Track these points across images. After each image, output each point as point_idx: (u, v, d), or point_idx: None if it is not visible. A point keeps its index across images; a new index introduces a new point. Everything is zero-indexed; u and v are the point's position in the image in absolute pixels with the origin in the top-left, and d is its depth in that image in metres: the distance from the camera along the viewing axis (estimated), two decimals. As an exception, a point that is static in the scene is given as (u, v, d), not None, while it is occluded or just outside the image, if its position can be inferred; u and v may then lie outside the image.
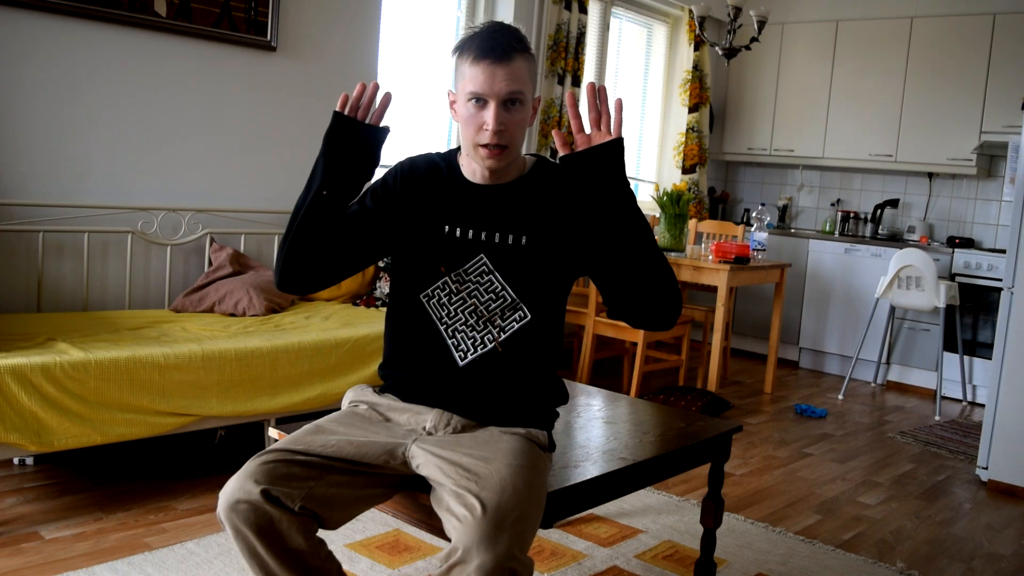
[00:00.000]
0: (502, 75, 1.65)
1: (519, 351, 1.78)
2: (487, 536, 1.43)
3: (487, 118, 1.66)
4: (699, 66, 6.19)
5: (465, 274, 1.76)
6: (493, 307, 1.76)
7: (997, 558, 2.96)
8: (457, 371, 1.76)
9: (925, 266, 4.98)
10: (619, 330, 4.62)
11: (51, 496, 2.83)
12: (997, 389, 3.68)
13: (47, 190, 3.29)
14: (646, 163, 6.42)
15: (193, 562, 2.41)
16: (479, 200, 1.78)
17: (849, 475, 3.75)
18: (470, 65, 1.67)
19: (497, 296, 1.75)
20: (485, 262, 1.75)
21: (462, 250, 1.76)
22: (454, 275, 1.76)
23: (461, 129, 1.72)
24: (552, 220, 1.77)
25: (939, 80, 5.71)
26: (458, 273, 1.76)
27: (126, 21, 3.40)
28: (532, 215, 1.77)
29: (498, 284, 1.75)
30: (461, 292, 1.76)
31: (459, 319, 1.76)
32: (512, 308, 1.76)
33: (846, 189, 6.46)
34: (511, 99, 1.67)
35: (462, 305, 1.76)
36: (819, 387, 5.51)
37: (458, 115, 1.72)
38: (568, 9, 5.10)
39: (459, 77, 1.71)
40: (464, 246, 1.76)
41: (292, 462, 1.58)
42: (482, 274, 1.75)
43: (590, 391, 2.71)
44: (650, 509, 3.11)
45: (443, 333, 1.77)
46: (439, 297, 1.77)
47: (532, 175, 1.80)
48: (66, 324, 3.03)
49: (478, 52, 1.66)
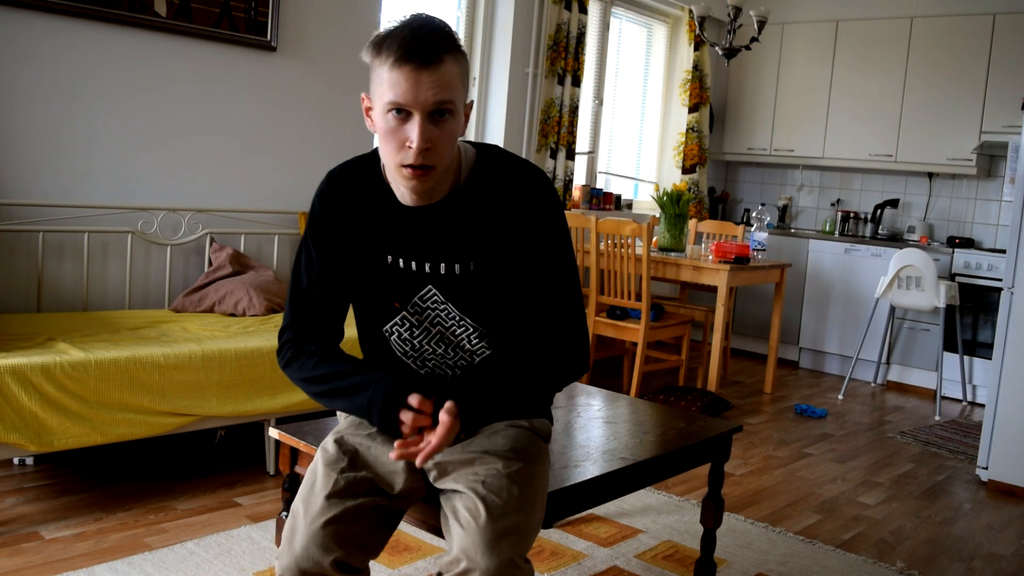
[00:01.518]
0: (428, 82, 1.39)
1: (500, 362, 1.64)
2: (490, 544, 1.41)
3: (411, 134, 1.41)
4: (699, 66, 6.19)
5: (421, 302, 1.60)
6: (459, 333, 1.61)
7: (997, 558, 2.96)
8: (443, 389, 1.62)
9: (925, 266, 4.98)
10: (619, 330, 4.62)
11: (51, 496, 2.83)
12: (997, 389, 3.68)
13: (47, 190, 3.29)
14: (646, 163, 6.42)
15: (193, 562, 2.41)
16: (415, 226, 1.57)
17: (849, 475, 3.75)
18: (389, 69, 1.40)
19: (459, 323, 1.60)
20: (435, 293, 1.59)
21: (410, 282, 1.59)
22: (410, 307, 1.60)
23: (380, 144, 1.49)
24: (498, 238, 1.56)
25: (939, 80, 5.71)
26: (414, 304, 1.60)
27: (126, 21, 3.40)
28: (474, 236, 1.56)
29: (455, 314, 1.59)
30: (423, 323, 1.61)
31: (426, 350, 1.63)
32: (479, 336, 1.61)
33: (846, 189, 6.47)
34: (439, 109, 1.42)
35: (426, 336, 1.62)
36: (819, 387, 5.51)
37: (375, 126, 1.48)
38: (568, 9, 5.10)
39: (375, 81, 1.44)
40: (411, 278, 1.59)
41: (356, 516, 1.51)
42: (436, 303, 1.59)
43: (590, 391, 2.71)
44: (650, 509, 3.11)
45: (414, 367, 1.65)
46: (399, 333, 1.63)
47: (471, 184, 1.56)
48: (66, 324, 3.03)
49: (399, 54, 1.39)
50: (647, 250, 4.44)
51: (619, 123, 6.08)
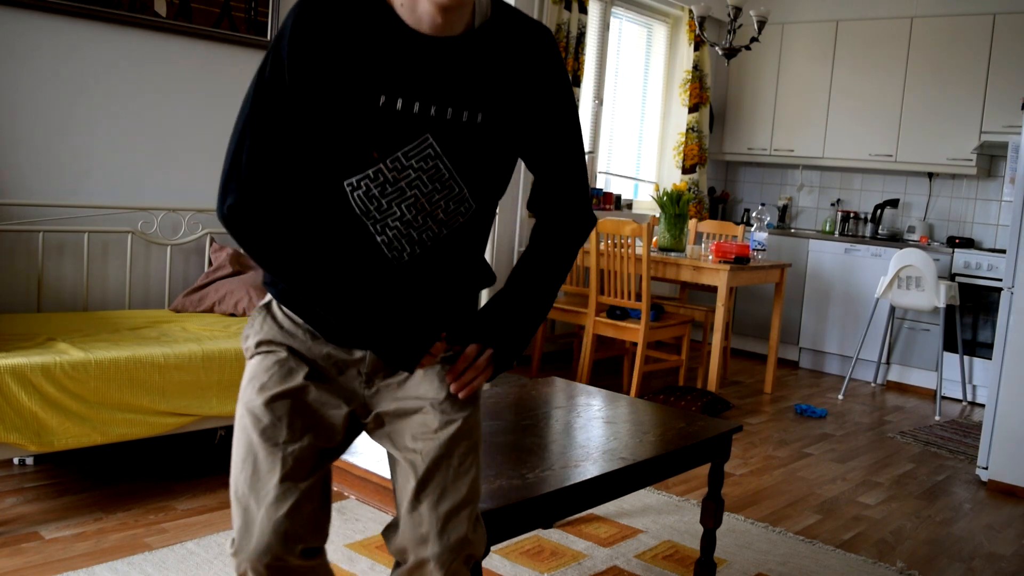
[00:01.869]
0: None
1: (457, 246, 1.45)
2: (439, 531, 1.38)
3: None
4: (699, 66, 6.19)
5: (404, 159, 1.34)
6: (436, 199, 1.38)
7: (997, 558, 2.96)
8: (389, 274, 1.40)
9: (925, 266, 4.98)
10: (619, 330, 4.62)
11: (51, 496, 2.83)
12: (997, 389, 3.68)
13: (47, 190, 3.29)
14: (646, 163, 6.42)
15: (193, 562, 2.41)
16: (426, 59, 1.33)
17: (849, 475, 3.75)
18: None
19: (443, 186, 1.38)
20: (431, 144, 1.35)
21: (403, 129, 1.33)
22: (390, 161, 1.34)
23: None
24: (510, 91, 1.39)
25: (939, 80, 5.71)
26: (395, 159, 1.34)
27: (126, 21, 3.40)
28: (491, 82, 1.37)
29: (445, 172, 1.37)
30: (399, 182, 1.35)
31: (393, 214, 1.36)
32: (458, 201, 1.40)
33: (846, 189, 6.47)
34: None
35: (399, 197, 1.36)
36: (819, 387, 5.51)
37: None
38: (568, 9, 5.10)
39: None
40: (406, 124, 1.33)
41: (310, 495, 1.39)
42: (426, 159, 1.35)
43: (590, 391, 2.71)
44: (650, 509, 3.11)
45: (371, 230, 1.36)
46: (367, 188, 1.34)
47: (486, 28, 1.37)
48: (66, 324, 3.04)
49: None
50: (647, 250, 4.44)
51: (619, 123, 6.08)
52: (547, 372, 5.00)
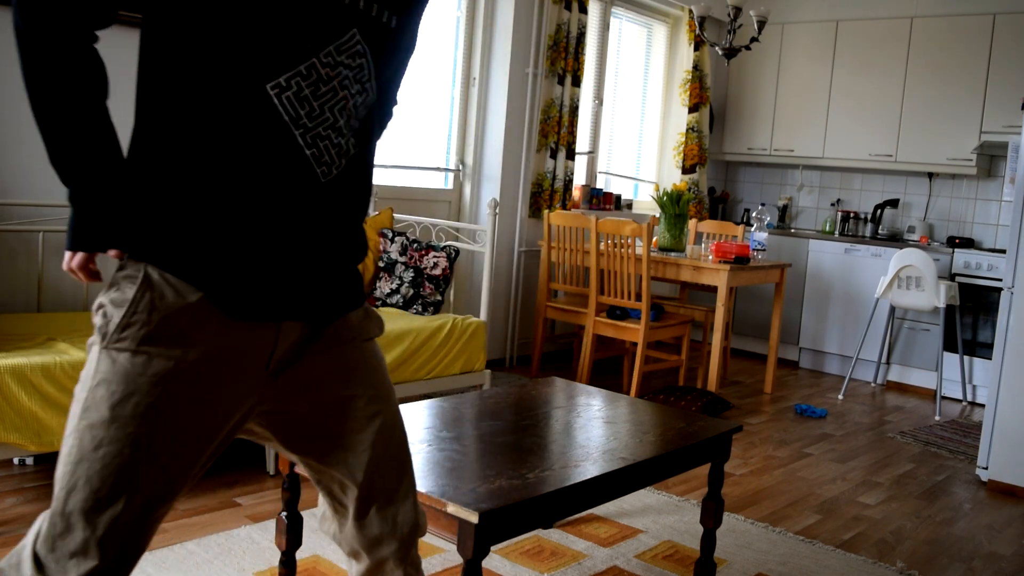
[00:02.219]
0: None
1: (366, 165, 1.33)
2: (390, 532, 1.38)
3: None
4: (699, 66, 6.19)
5: (336, 54, 1.21)
6: (360, 101, 1.27)
7: (997, 558, 2.96)
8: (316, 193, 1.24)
9: (925, 266, 4.98)
10: (619, 330, 4.62)
11: (51, 496, 2.82)
12: (997, 389, 3.68)
13: (47, 190, 3.28)
14: (646, 163, 6.42)
15: (193, 562, 2.41)
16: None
17: (849, 475, 3.75)
18: None
19: (364, 88, 1.26)
20: (359, 40, 1.24)
21: (333, 20, 1.21)
22: (324, 56, 1.20)
23: None
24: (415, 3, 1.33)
25: (939, 80, 5.71)
26: (328, 53, 1.20)
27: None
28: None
29: (366, 72, 1.26)
30: (331, 81, 1.21)
31: (326, 120, 1.22)
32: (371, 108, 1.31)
33: (846, 189, 6.47)
34: None
35: (331, 99, 1.22)
36: (819, 387, 5.51)
37: None
38: (568, 9, 5.10)
39: None
40: (336, 14, 1.21)
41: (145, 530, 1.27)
42: (355, 55, 1.23)
43: (590, 391, 2.71)
44: (650, 509, 3.11)
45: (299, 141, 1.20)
46: (299, 89, 1.18)
47: None
48: (66, 324, 3.03)
49: None
50: (647, 250, 4.44)
51: (619, 123, 6.08)
52: (547, 372, 5.00)
